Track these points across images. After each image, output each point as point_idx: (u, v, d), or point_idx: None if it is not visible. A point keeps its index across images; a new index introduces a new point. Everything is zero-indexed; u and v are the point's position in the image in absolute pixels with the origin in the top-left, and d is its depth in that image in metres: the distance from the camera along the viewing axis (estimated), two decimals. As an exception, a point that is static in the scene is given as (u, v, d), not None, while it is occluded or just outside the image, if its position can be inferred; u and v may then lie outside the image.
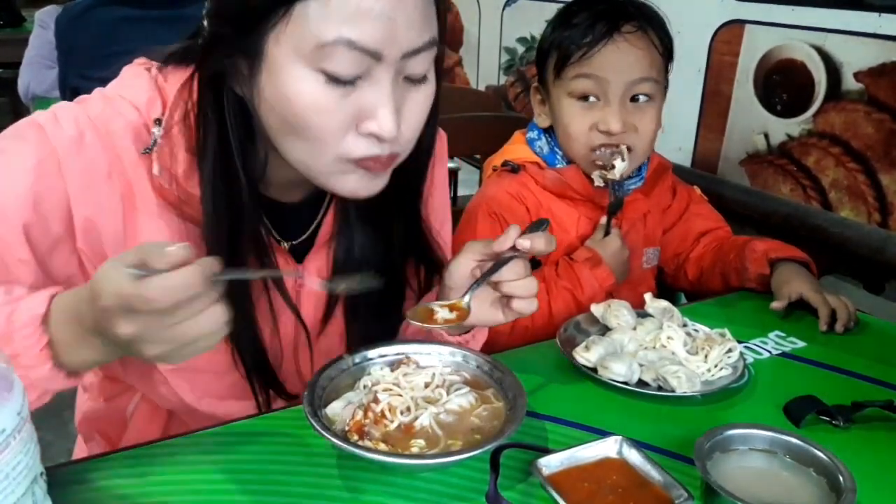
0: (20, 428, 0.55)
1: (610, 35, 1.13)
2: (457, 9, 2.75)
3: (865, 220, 1.47)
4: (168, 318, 0.58)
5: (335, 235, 0.89)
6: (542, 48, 1.23)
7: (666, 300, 1.10)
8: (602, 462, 0.77)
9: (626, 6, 1.16)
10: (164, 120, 0.74)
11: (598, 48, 1.13)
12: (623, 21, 1.14)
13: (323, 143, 0.69)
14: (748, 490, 0.70)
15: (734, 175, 1.72)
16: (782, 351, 1.07)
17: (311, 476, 0.76)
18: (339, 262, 0.89)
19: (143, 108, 0.75)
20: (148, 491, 0.74)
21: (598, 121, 1.16)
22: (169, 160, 0.74)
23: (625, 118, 1.15)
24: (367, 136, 0.70)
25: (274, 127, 0.71)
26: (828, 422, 0.88)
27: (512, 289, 0.84)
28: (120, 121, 0.74)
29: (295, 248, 0.89)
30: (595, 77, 1.14)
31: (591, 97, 1.16)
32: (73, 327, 0.63)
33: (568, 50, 1.15)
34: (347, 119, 0.69)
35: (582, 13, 1.16)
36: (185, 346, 0.60)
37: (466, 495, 0.74)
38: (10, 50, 3.22)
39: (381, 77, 0.68)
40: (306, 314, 0.90)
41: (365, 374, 0.88)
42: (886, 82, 1.39)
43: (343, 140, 0.70)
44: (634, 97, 1.16)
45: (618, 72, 1.14)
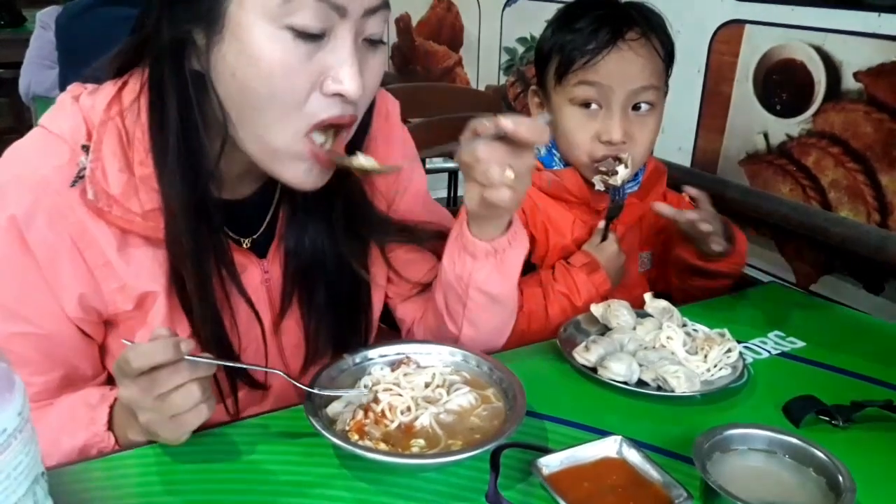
0: (21, 428, 0.55)
1: (614, 42, 1.11)
2: (457, 9, 2.75)
3: (865, 220, 1.47)
4: (151, 387, 0.68)
5: (286, 227, 0.88)
6: (541, 50, 1.22)
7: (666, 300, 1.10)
8: (602, 462, 0.77)
9: (629, 10, 1.15)
10: (93, 146, 0.74)
11: (601, 56, 1.11)
12: (626, 27, 1.12)
13: (287, 107, 0.70)
14: (748, 490, 0.70)
15: (734, 175, 1.72)
16: (782, 351, 1.07)
17: (311, 476, 0.77)
18: (290, 254, 0.88)
19: (68, 139, 0.75)
20: (148, 491, 0.74)
21: (600, 130, 1.15)
22: (102, 180, 0.74)
23: (626, 127, 1.14)
24: (331, 97, 0.70)
25: (235, 98, 0.71)
26: (827, 422, 0.88)
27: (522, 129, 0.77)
28: (48, 165, 0.74)
29: (254, 243, 0.88)
30: (598, 85, 1.13)
31: (593, 105, 1.15)
32: (124, 417, 0.76)
33: (570, 56, 1.14)
34: (312, 78, 0.69)
35: (584, 17, 1.15)
36: (172, 418, 0.70)
37: (466, 495, 0.75)
38: (11, 50, 3.22)
39: (345, 36, 0.69)
40: (263, 308, 0.88)
41: (365, 374, 0.88)
42: (886, 82, 1.39)
43: (307, 102, 0.70)
44: (636, 105, 1.15)
45: (621, 80, 1.13)
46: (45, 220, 0.74)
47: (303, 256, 0.88)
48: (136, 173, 0.75)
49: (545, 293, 1.16)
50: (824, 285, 1.57)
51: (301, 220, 0.88)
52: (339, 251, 0.89)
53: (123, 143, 0.75)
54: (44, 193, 0.73)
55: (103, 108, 0.76)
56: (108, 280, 0.78)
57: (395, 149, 0.98)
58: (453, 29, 2.78)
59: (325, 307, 0.90)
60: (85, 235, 0.75)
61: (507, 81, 2.52)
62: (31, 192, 0.73)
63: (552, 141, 1.25)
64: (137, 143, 0.75)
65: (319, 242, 0.88)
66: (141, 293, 0.79)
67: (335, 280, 0.90)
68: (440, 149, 1.79)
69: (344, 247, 0.89)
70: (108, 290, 0.79)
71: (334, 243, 0.89)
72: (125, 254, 0.77)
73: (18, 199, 0.73)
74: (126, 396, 0.71)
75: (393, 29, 3.15)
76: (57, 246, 0.75)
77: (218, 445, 0.81)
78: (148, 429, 0.72)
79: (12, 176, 0.74)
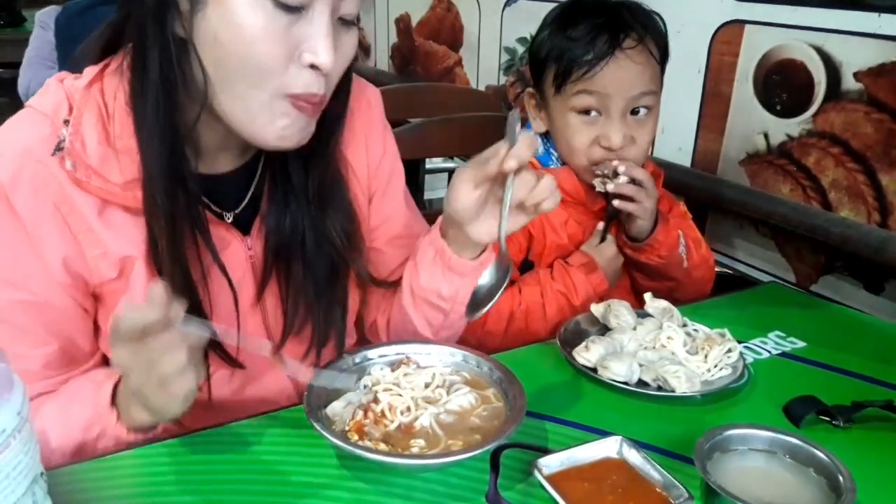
0: (20, 428, 0.55)
1: (611, 52, 1.11)
2: (457, 9, 2.74)
3: (865, 220, 1.47)
4: (140, 348, 0.67)
5: (267, 204, 0.90)
6: (537, 54, 1.21)
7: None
8: (602, 462, 0.77)
9: (624, 15, 1.15)
10: (72, 119, 0.77)
11: (599, 66, 1.12)
12: (623, 34, 1.12)
13: (266, 74, 0.73)
14: (748, 490, 0.70)
15: (734, 175, 1.72)
16: (782, 351, 1.07)
17: (311, 476, 0.77)
18: (271, 231, 0.90)
19: (50, 114, 0.78)
20: (148, 491, 0.74)
21: (600, 135, 1.15)
22: (81, 152, 0.77)
23: (626, 132, 1.15)
24: (307, 69, 0.74)
25: (216, 62, 0.73)
26: (828, 422, 0.88)
27: (536, 198, 0.83)
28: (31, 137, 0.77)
29: (238, 220, 0.89)
30: (597, 94, 1.13)
31: (592, 112, 1.15)
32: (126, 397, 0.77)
33: (569, 65, 1.14)
34: (290, 48, 0.73)
35: (581, 23, 1.14)
36: (160, 384, 0.69)
37: (466, 495, 0.74)
38: (11, 50, 3.22)
39: (322, 11, 0.73)
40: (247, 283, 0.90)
41: (365, 374, 0.88)
42: (886, 82, 1.39)
43: (285, 71, 0.73)
44: (635, 110, 1.16)
45: (620, 88, 1.13)
46: (28, 186, 0.76)
47: (283, 233, 0.90)
48: (115, 146, 0.78)
49: (543, 292, 1.17)
50: (825, 285, 1.57)
51: (282, 197, 0.89)
52: (318, 230, 0.91)
53: (103, 117, 0.78)
54: (27, 161, 0.76)
55: (84, 86, 0.79)
56: (91, 245, 0.79)
57: (376, 139, 1.00)
58: (453, 29, 2.78)
59: (303, 283, 0.91)
60: (67, 202, 0.77)
61: (507, 81, 2.52)
62: (14, 161, 0.76)
63: (549, 140, 1.25)
64: (118, 114, 0.78)
65: (299, 220, 0.90)
66: (121, 257, 0.80)
67: (313, 258, 0.91)
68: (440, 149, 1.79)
69: (321, 226, 0.91)
70: (91, 255, 0.80)
71: (313, 221, 0.90)
72: (106, 220, 0.79)
73: (3, 168, 0.76)
74: (117, 359, 0.70)
75: (393, 29, 3.15)
76: (40, 211, 0.77)
77: (217, 445, 0.81)
78: (139, 397, 0.72)
79: None
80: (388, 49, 3.22)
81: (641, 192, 1.15)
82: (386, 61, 3.25)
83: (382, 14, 3.20)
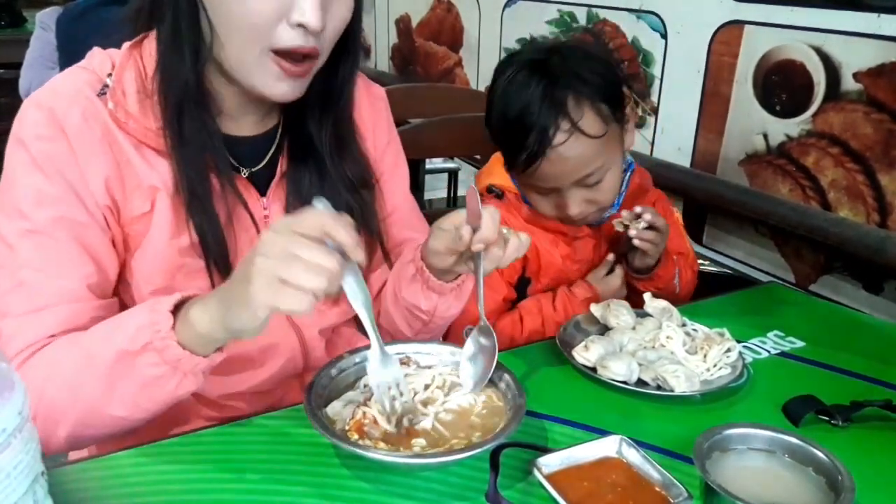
0: (21, 427, 0.55)
1: (542, 152, 1.08)
2: (457, 10, 2.75)
3: (864, 220, 1.47)
4: (295, 242, 0.67)
5: (287, 165, 0.95)
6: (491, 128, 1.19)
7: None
8: (601, 461, 0.77)
9: (555, 94, 1.08)
10: (115, 72, 0.86)
11: (534, 166, 1.10)
12: (554, 129, 1.07)
13: (256, 30, 0.79)
14: (747, 489, 0.70)
15: (733, 175, 1.72)
16: (781, 350, 1.07)
17: (311, 476, 0.77)
18: (291, 192, 0.94)
19: (96, 69, 0.87)
20: (148, 490, 0.74)
21: (556, 204, 1.16)
22: (122, 98, 0.84)
23: (582, 201, 1.14)
24: (295, 28, 0.79)
25: (217, 20, 0.80)
26: (826, 421, 0.88)
27: (506, 263, 0.86)
28: (80, 80, 0.86)
29: (256, 179, 0.93)
30: (544, 183, 1.14)
31: (548, 191, 1.16)
32: (201, 301, 0.75)
33: (509, 160, 1.16)
34: (280, 6, 0.78)
35: (512, 117, 1.10)
36: (281, 281, 0.66)
37: (466, 494, 0.75)
38: (11, 50, 3.22)
39: None
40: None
41: (365, 373, 0.88)
42: (885, 83, 1.39)
43: (275, 29, 0.79)
44: (587, 182, 1.13)
45: (560, 177, 1.11)
46: (79, 114, 0.83)
47: (301, 197, 0.94)
48: (151, 97, 0.85)
49: (544, 321, 1.19)
50: (824, 285, 1.57)
51: (301, 156, 0.94)
52: (333, 177, 0.95)
53: (141, 73, 0.86)
54: (78, 97, 0.84)
55: (124, 51, 0.88)
56: (129, 176, 0.85)
57: (382, 131, 1.06)
58: (453, 30, 2.78)
59: None
60: (111, 134, 0.84)
61: (507, 82, 2.53)
62: (67, 96, 0.84)
63: None
64: (152, 73, 0.85)
65: (317, 183, 0.94)
66: (151, 186, 0.85)
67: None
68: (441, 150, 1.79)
69: (336, 173, 0.95)
70: (129, 186, 0.85)
71: (330, 181, 0.95)
72: (141, 156, 0.85)
73: (56, 100, 0.83)
74: (267, 238, 0.69)
75: (393, 30, 3.16)
76: (89, 136, 0.83)
77: (217, 445, 0.81)
78: (248, 276, 0.68)
79: (49, 88, 0.85)
80: (389, 50, 3.22)
81: (659, 236, 1.16)
82: (386, 62, 3.25)
83: (382, 15, 3.21)
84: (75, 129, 0.82)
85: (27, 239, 0.81)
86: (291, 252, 0.67)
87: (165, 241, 0.86)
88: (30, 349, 0.79)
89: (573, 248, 1.26)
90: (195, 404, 0.94)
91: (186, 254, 0.87)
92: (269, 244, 0.68)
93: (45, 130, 0.81)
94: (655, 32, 1.88)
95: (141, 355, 0.74)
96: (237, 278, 0.71)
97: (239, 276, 0.71)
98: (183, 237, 0.86)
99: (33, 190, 0.81)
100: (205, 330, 0.73)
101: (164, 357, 0.74)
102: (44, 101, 0.83)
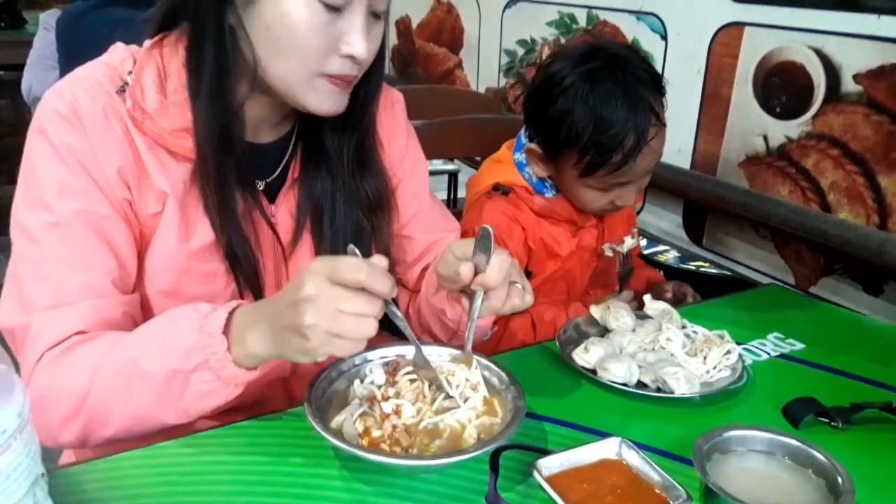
0: (21, 429, 0.55)
1: (640, 149, 1.12)
2: (457, 11, 2.75)
3: (864, 222, 1.47)
4: (341, 298, 0.69)
5: (300, 173, 0.96)
6: (555, 124, 1.16)
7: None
8: (601, 463, 0.77)
9: (647, 96, 1.13)
10: (135, 70, 0.86)
11: (628, 164, 1.13)
12: (651, 125, 1.13)
13: (308, 60, 0.82)
14: (747, 491, 0.70)
15: (733, 177, 1.72)
16: (781, 353, 1.07)
17: (311, 477, 0.77)
18: (301, 199, 0.96)
19: (117, 65, 0.88)
20: (148, 492, 0.74)
21: (615, 200, 1.20)
22: (140, 98, 0.85)
23: (639, 187, 1.21)
24: (344, 58, 0.83)
25: (266, 47, 0.82)
26: (826, 423, 0.88)
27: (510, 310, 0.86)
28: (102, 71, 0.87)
29: (268, 189, 0.95)
30: (622, 179, 1.17)
31: (615, 186, 1.19)
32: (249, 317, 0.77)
33: (597, 162, 1.14)
34: (330, 40, 0.82)
35: (611, 117, 1.12)
36: (336, 334, 0.70)
37: (466, 496, 0.75)
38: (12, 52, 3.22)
39: (360, 10, 0.82)
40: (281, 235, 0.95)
41: (364, 375, 0.88)
42: (886, 84, 1.39)
43: (325, 59, 0.83)
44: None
45: (642, 171, 1.17)
46: (100, 108, 0.84)
47: (313, 199, 0.96)
48: (169, 99, 0.86)
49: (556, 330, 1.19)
50: (824, 287, 1.57)
51: (314, 166, 0.96)
52: (350, 192, 0.97)
53: (161, 74, 0.87)
54: (99, 90, 0.85)
55: (146, 49, 0.89)
56: (143, 175, 0.86)
57: (399, 137, 1.08)
58: (453, 31, 2.78)
59: (331, 245, 0.97)
60: (129, 133, 0.85)
61: (507, 83, 2.53)
62: (88, 90, 0.84)
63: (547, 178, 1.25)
64: (173, 76, 0.87)
65: (329, 187, 0.96)
66: (161, 190, 0.86)
67: (342, 221, 0.97)
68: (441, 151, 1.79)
69: (354, 188, 0.97)
70: (143, 184, 0.86)
71: (345, 185, 0.97)
72: (154, 156, 0.86)
73: (77, 92, 0.84)
74: (310, 290, 0.70)
75: (393, 31, 3.16)
76: (108, 129, 0.84)
77: (218, 447, 0.81)
78: (301, 332, 0.70)
79: (72, 81, 0.86)
80: (389, 51, 3.22)
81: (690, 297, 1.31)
82: (386, 63, 3.25)
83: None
84: (96, 123, 0.83)
85: (51, 232, 0.81)
86: (339, 308, 0.70)
87: (175, 244, 0.87)
88: (61, 346, 0.80)
89: (578, 236, 1.28)
90: None
91: (195, 258, 0.87)
92: (316, 300, 0.70)
93: (67, 122, 0.82)
94: (655, 34, 1.88)
95: (195, 373, 0.76)
96: (288, 327, 0.72)
97: (290, 326, 0.72)
98: (193, 241, 0.87)
99: (56, 181, 0.82)
100: (262, 357, 0.77)
101: (220, 375, 0.76)
102: (66, 92, 0.84)
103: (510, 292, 0.84)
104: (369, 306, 0.70)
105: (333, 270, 0.70)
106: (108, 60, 0.88)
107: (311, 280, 0.70)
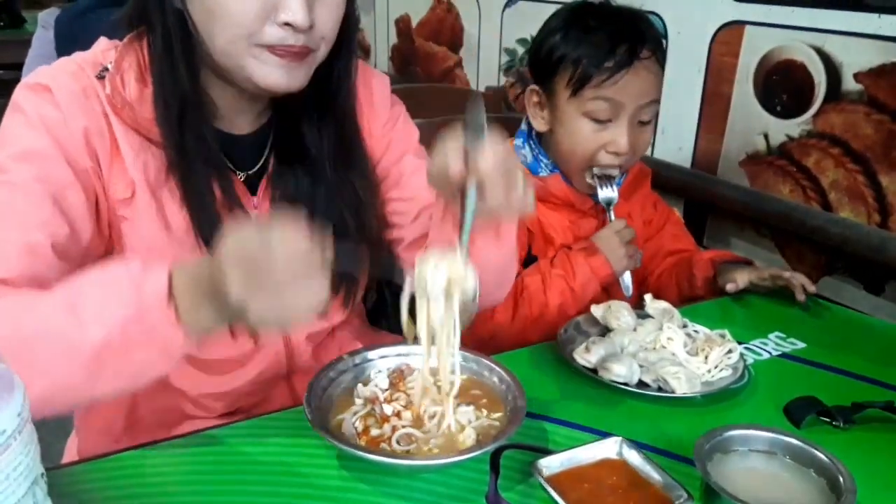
0: (21, 429, 0.55)
1: (631, 62, 1.13)
2: (457, 10, 2.75)
3: (865, 221, 1.47)
4: (280, 275, 0.63)
5: (277, 166, 0.94)
6: (548, 55, 1.20)
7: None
8: (602, 463, 0.77)
9: (640, 26, 1.17)
10: (115, 59, 0.86)
11: (620, 74, 1.13)
12: (640, 45, 1.14)
13: (241, 29, 0.79)
14: (748, 491, 0.70)
15: (734, 176, 1.72)
16: (782, 352, 1.07)
17: (311, 477, 0.77)
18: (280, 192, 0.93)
19: (99, 54, 0.88)
20: (148, 491, 0.74)
21: (608, 141, 1.18)
22: (119, 85, 0.84)
23: (632, 139, 1.18)
24: (283, 27, 0.79)
25: (203, 22, 0.81)
26: (828, 423, 0.88)
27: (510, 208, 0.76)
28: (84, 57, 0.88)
29: (249, 181, 0.93)
30: (612, 100, 1.15)
31: (604, 119, 1.17)
32: (192, 293, 0.68)
33: (588, 71, 1.15)
34: (265, 5, 0.78)
35: (599, 29, 1.16)
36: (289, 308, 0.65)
37: (466, 496, 0.74)
38: (11, 51, 3.22)
39: None
40: None
41: (363, 377, 0.88)
42: (886, 83, 1.39)
43: (261, 27, 0.79)
44: (640, 117, 1.18)
45: (634, 97, 1.15)
46: (80, 87, 0.84)
47: (289, 192, 0.93)
48: (148, 87, 0.85)
49: (543, 277, 1.20)
50: (825, 286, 1.57)
51: (289, 158, 0.93)
52: (329, 191, 0.93)
53: (141, 64, 0.86)
54: (80, 74, 0.85)
55: (126, 40, 0.88)
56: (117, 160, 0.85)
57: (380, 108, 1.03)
58: (453, 30, 2.78)
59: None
60: (107, 115, 0.85)
61: (507, 82, 2.53)
62: (68, 71, 0.85)
63: (538, 147, 1.27)
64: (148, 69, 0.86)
65: (307, 180, 0.93)
66: (131, 179, 0.85)
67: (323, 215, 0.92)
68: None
69: (337, 183, 0.94)
70: (115, 169, 0.85)
71: (325, 184, 0.93)
72: (129, 143, 0.85)
73: (56, 73, 0.84)
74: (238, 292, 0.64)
75: (393, 30, 3.16)
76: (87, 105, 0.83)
77: (218, 446, 0.81)
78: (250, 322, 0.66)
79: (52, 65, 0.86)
80: (388, 50, 3.22)
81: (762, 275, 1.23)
82: (386, 62, 3.25)
83: (382, 15, 3.21)
84: (72, 96, 0.83)
85: (3, 188, 0.79)
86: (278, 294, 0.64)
87: (154, 231, 0.86)
88: None
89: (577, 225, 1.27)
90: (179, 404, 0.94)
91: (176, 245, 0.86)
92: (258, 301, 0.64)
93: (43, 94, 0.82)
94: (656, 33, 1.88)
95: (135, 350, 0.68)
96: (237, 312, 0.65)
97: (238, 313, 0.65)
98: (172, 228, 0.86)
99: (21, 148, 0.81)
100: (208, 330, 0.70)
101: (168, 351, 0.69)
102: (45, 73, 0.84)
103: (509, 183, 0.73)
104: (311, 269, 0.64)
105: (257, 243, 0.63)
106: (92, 50, 0.90)
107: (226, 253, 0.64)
